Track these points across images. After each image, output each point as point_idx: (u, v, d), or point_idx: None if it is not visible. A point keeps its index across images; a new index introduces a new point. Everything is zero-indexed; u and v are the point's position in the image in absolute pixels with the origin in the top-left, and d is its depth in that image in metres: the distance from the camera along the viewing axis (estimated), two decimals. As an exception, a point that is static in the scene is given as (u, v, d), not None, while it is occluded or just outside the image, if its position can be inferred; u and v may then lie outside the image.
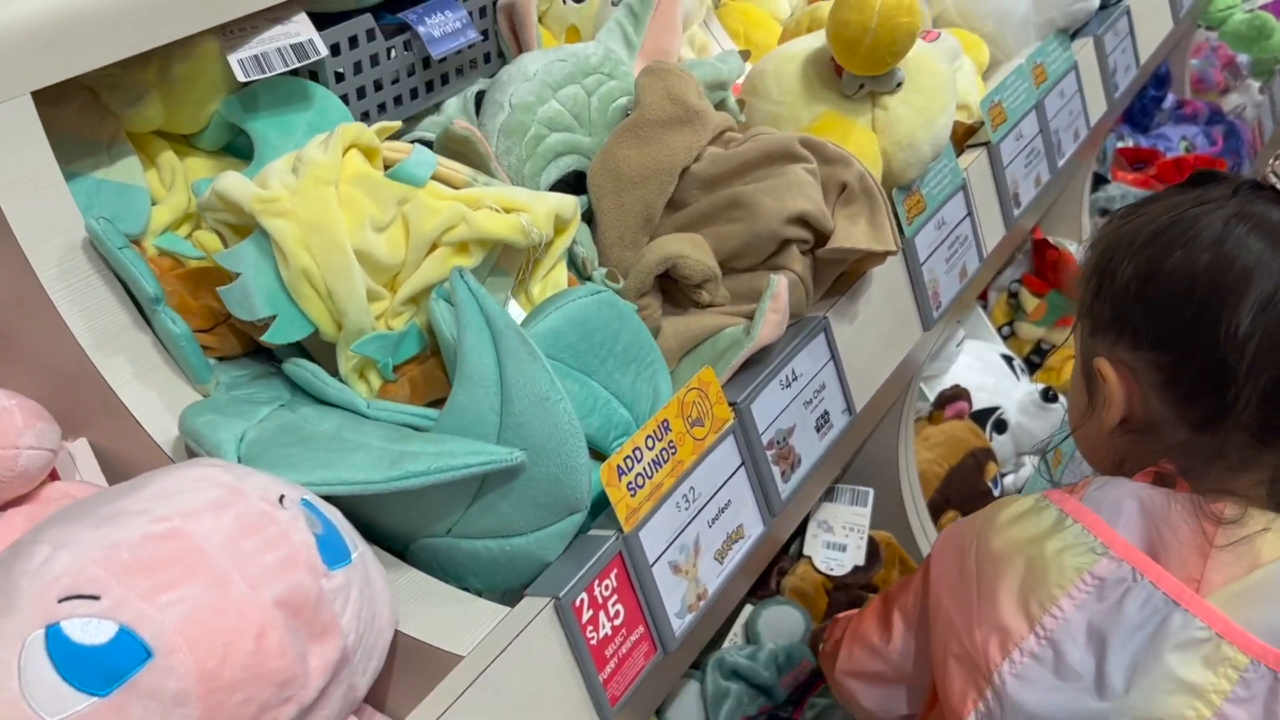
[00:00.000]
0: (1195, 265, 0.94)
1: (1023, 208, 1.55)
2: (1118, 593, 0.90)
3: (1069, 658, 0.90)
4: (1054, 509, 0.96)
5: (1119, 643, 0.89)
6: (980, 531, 0.99)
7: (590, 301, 0.97)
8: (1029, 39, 1.70)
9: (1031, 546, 0.95)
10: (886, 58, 1.20)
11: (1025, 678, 0.91)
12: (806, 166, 1.12)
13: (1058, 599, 0.91)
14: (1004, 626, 0.93)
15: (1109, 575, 0.91)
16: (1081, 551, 0.92)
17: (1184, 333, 0.94)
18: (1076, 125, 1.73)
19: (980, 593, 0.96)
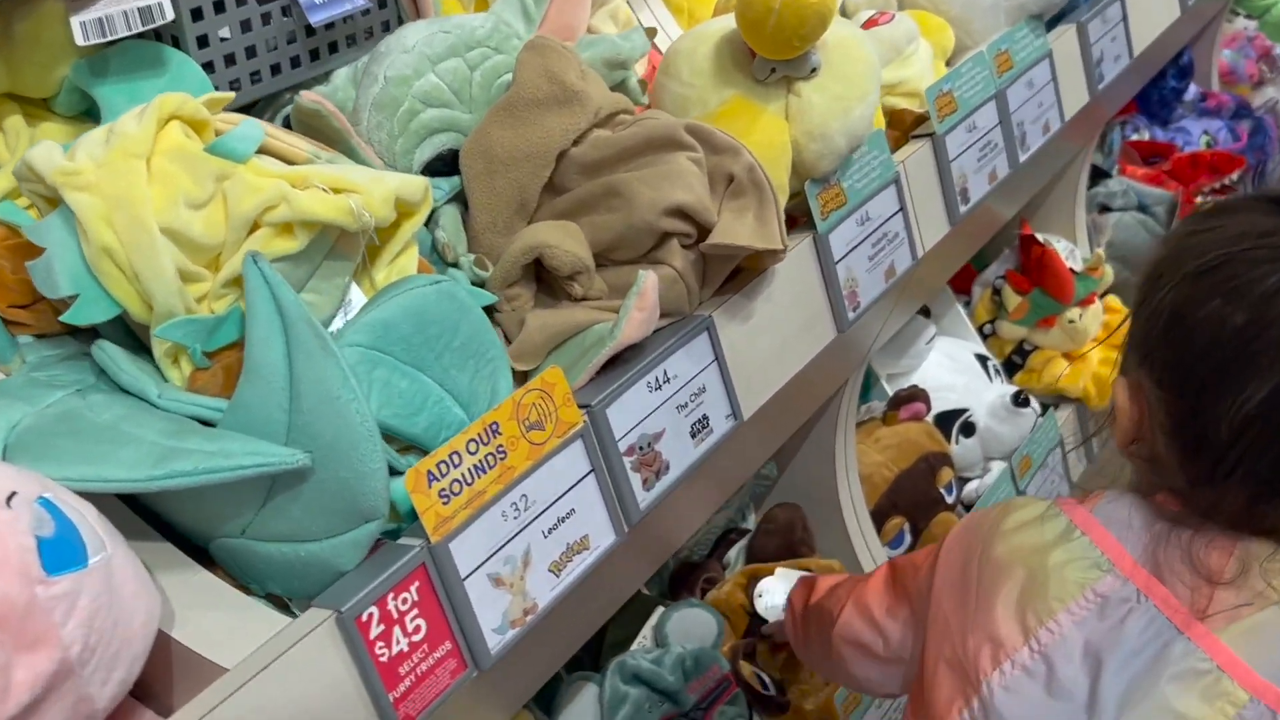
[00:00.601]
0: (1227, 324, 0.86)
1: (971, 204, 1.47)
2: (1120, 613, 0.87)
3: (1062, 675, 0.87)
4: (1063, 518, 0.92)
5: (1116, 665, 0.86)
6: (987, 534, 0.96)
7: (428, 292, 0.91)
8: (999, 24, 1.60)
9: (1035, 556, 0.91)
10: (793, 40, 1.13)
11: (1014, 690, 0.88)
12: (691, 155, 1.05)
13: (1056, 613, 0.88)
14: (998, 636, 0.90)
15: (1113, 593, 0.88)
16: (1087, 566, 0.89)
17: (1197, 390, 0.87)
18: (1047, 117, 1.64)
19: (978, 598, 0.93)
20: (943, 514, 1.76)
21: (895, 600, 1.07)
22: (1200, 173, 2.55)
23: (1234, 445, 0.85)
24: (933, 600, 0.98)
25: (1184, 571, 0.87)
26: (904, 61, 1.48)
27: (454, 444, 0.85)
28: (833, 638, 1.12)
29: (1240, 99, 2.88)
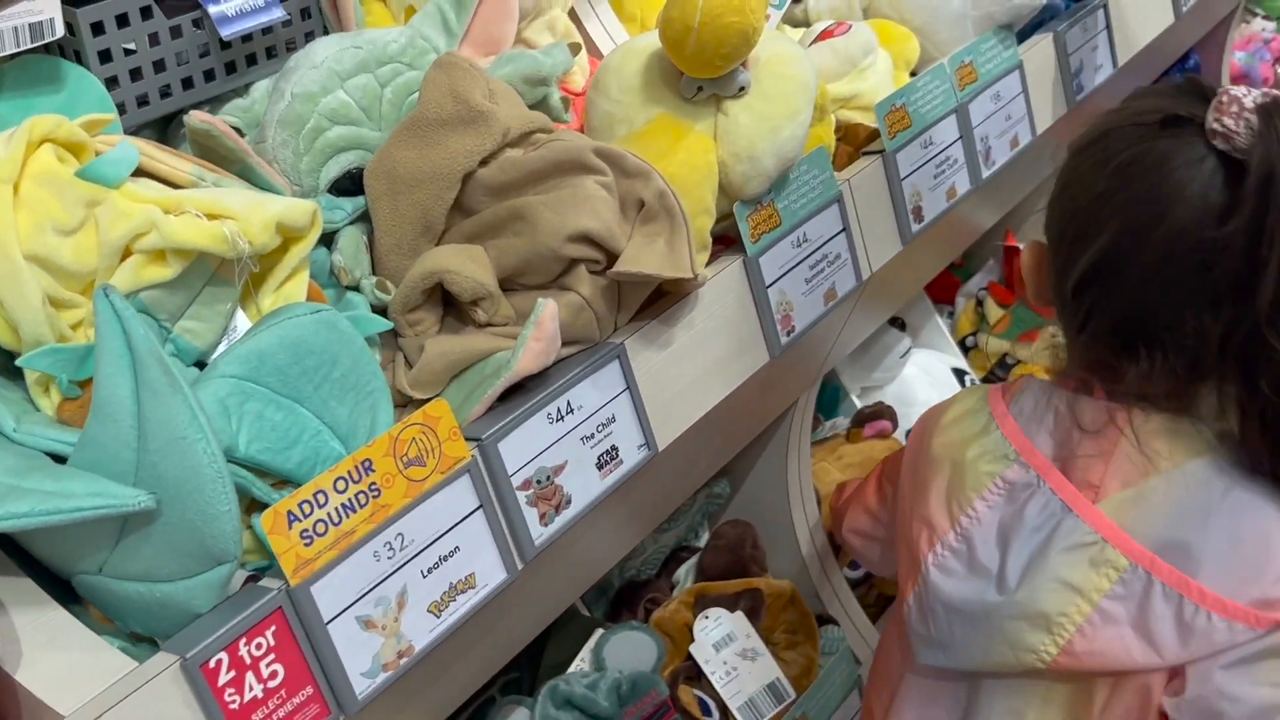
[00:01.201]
0: (1090, 189, 1.00)
1: (926, 222, 1.42)
2: (1024, 496, 0.99)
3: (979, 554, 1.01)
4: (986, 412, 1.06)
5: (1019, 543, 0.98)
6: (930, 428, 1.11)
7: (306, 321, 0.88)
8: (966, 34, 1.55)
9: (958, 449, 1.05)
10: (715, 60, 1.09)
11: (945, 569, 1.03)
12: (600, 180, 1.02)
13: (973, 500, 1.02)
14: (932, 522, 1.04)
15: (1018, 480, 1.00)
16: (997, 458, 1.02)
17: (1067, 246, 1.01)
18: (1015, 131, 1.59)
19: (919, 487, 1.08)
20: (906, 534, 1.72)
21: (883, 488, 1.23)
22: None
23: (1081, 296, 0.99)
24: (899, 484, 1.14)
25: (1088, 442, 0.99)
26: (860, 74, 1.43)
27: (319, 482, 0.83)
28: (844, 533, 1.30)
29: (1251, 104, 2.80)
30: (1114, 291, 0.98)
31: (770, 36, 1.19)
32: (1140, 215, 0.96)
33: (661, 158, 1.12)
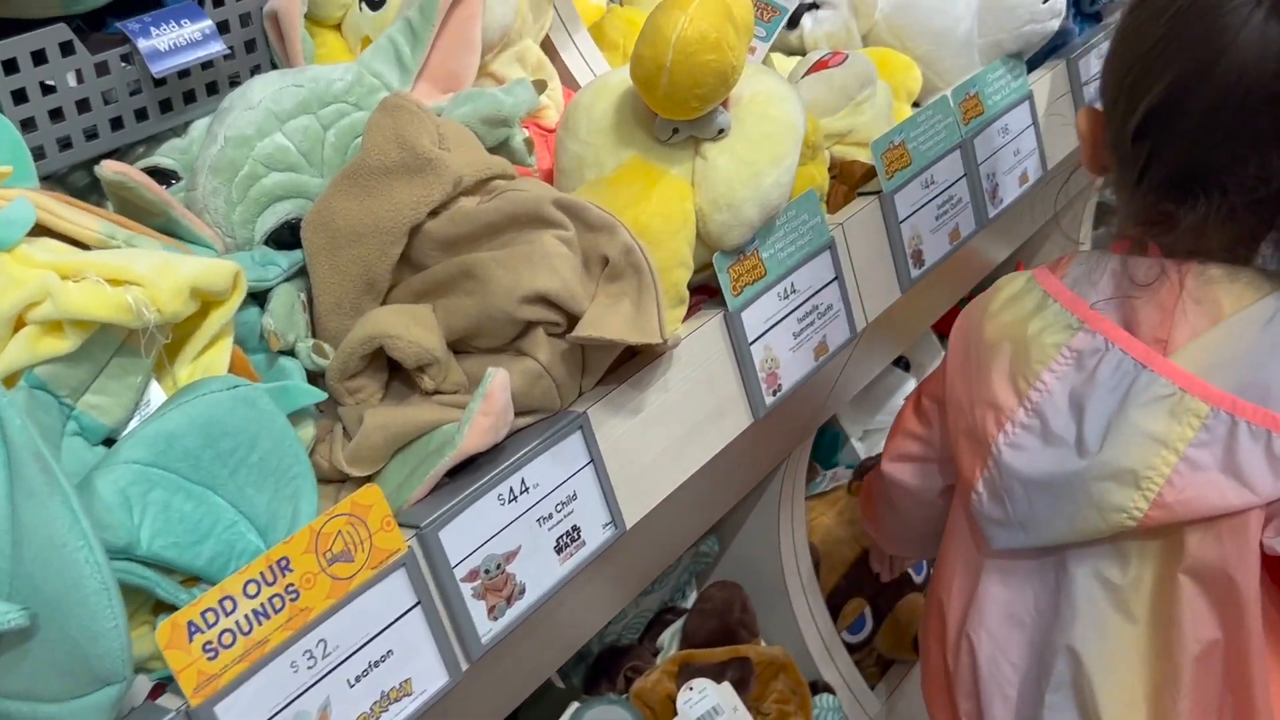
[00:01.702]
0: (1146, 38, 0.97)
1: (926, 267, 1.32)
2: (1093, 362, 0.99)
3: (1053, 425, 1.00)
4: (1038, 290, 1.05)
5: (1094, 406, 0.98)
6: (979, 318, 1.09)
7: (222, 398, 0.79)
8: (972, 63, 1.46)
9: (1017, 328, 1.04)
10: (690, 101, 0.99)
11: (1018, 445, 1.02)
12: (560, 234, 0.92)
13: (1040, 373, 1.01)
14: (997, 403, 1.03)
15: (1084, 347, 0.99)
16: (1060, 328, 1.01)
17: (1124, 98, 0.98)
18: (1025, 166, 1.49)
19: (978, 374, 1.06)
20: (910, 595, 1.62)
21: (924, 406, 1.22)
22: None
23: (1140, 143, 0.97)
24: (947, 387, 1.13)
25: (1149, 299, 0.98)
26: (857, 108, 1.34)
27: (226, 587, 0.73)
28: (883, 468, 1.28)
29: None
30: (1174, 134, 0.96)
31: (754, 72, 1.10)
32: (1200, 54, 0.94)
33: (633, 205, 1.02)
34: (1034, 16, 1.41)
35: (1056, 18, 1.43)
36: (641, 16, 1.38)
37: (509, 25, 1.14)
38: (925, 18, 1.43)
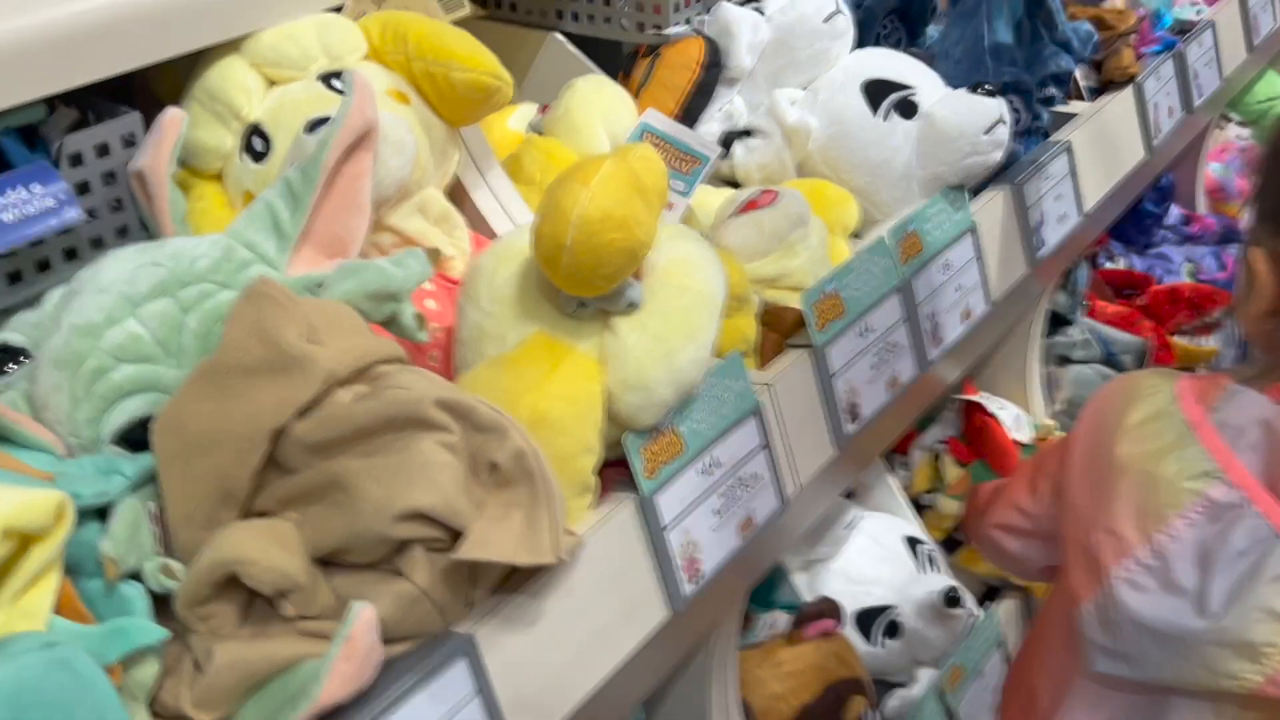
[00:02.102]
0: None
1: (863, 420, 1.23)
2: (1229, 518, 0.94)
3: (1176, 573, 0.95)
4: (1180, 418, 1.00)
5: (1223, 566, 0.94)
6: (1113, 427, 1.04)
7: (33, 663, 0.68)
8: (911, 195, 1.38)
9: (1152, 460, 0.99)
10: (595, 281, 0.90)
11: (1135, 584, 0.97)
12: (442, 439, 0.83)
13: (1169, 518, 0.96)
14: (1119, 533, 0.98)
15: (1222, 499, 0.94)
16: (1198, 474, 0.96)
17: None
18: (968, 303, 1.41)
19: (1102, 493, 1.01)
20: (852, 749, 1.52)
21: (1038, 484, 1.17)
22: (1179, 309, 2.31)
23: None
24: (1067, 483, 1.07)
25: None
26: (789, 250, 1.25)
27: None
28: (985, 529, 1.27)
29: (1228, 220, 2.64)
30: None
31: (671, 235, 1.01)
32: None
33: (534, 389, 0.93)
34: (975, 149, 1.34)
35: (999, 149, 1.36)
36: (561, 149, 1.30)
37: (405, 178, 1.05)
38: (861, 149, 1.36)
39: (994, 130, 1.34)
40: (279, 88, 1.06)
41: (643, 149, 0.95)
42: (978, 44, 1.46)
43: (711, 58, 1.37)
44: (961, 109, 1.34)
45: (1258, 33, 2.28)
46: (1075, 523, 1.05)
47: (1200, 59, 2.01)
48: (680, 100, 1.37)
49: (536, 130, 1.36)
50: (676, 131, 1.11)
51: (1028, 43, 1.52)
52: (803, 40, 1.39)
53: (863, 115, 1.36)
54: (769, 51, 1.41)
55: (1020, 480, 1.22)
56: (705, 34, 1.39)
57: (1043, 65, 1.52)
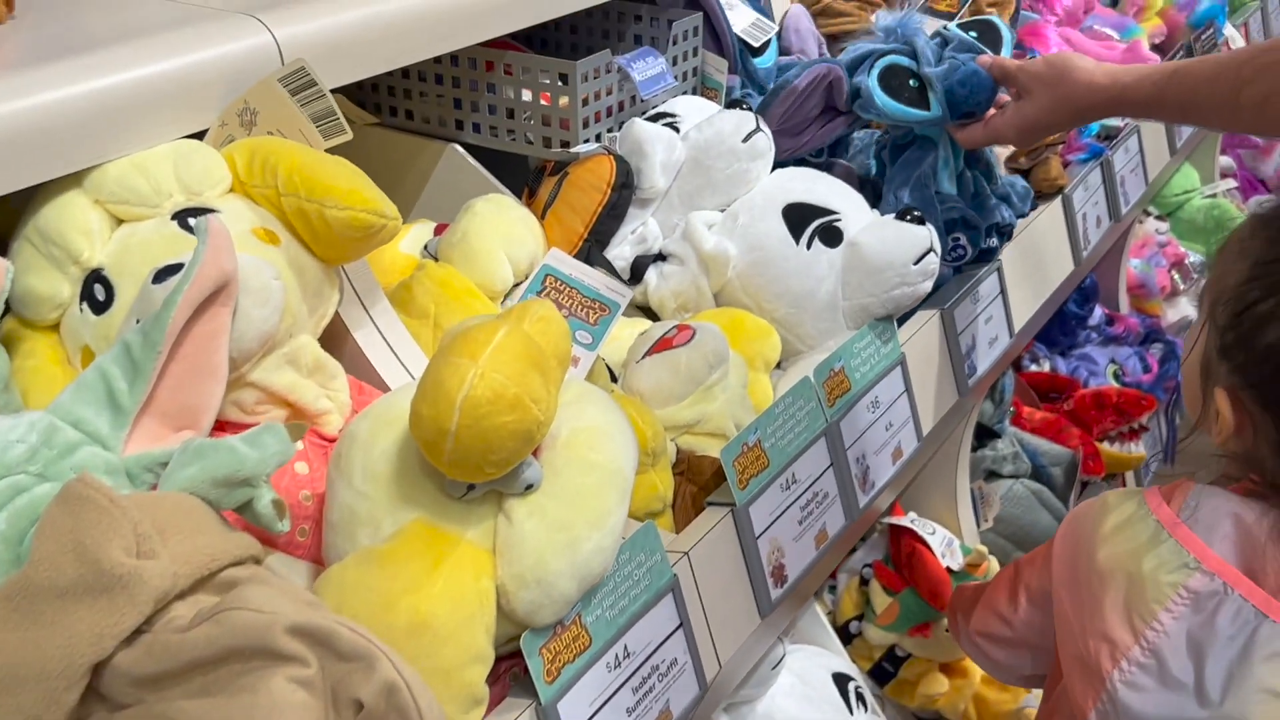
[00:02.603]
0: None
1: (789, 584, 1.12)
2: (1211, 605, 0.96)
3: (1172, 667, 0.97)
4: (1151, 520, 1.02)
5: (1215, 653, 0.96)
6: (1089, 537, 1.06)
7: None
8: (837, 326, 1.28)
9: (1131, 561, 1.01)
10: (485, 467, 0.78)
11: (1135, 685, 0.99)
12: (297, 674, 0.69)
13: (1157, 613, 0.98)
14: (1112, 638, 1.00)
15: (1202, 589, 0.97)
16: (1176, 567, 0.99)
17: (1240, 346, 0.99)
18: (899, 440, 1.31)
19: (1090, 601, 1.04)
20: None
21: (1018, 593, 1.19)
22: (1106, 415, 2.26)
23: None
24: (1054, 597, 1.10)
25: (1273, 553, 0.98)
26: (706, 393, 1.15)
27: None
28: (969, 635, 1.28)
29: (1151, 321, 2.61)
30: None
31: (574, 398, 0.89)
32: None
33: (415, 589, 0.80)
34: (904, 279, 1.25)
35: (929, 279, 1.27)
36: (457, 279, 1.18)
37: (271, 329, 0.92)
38: (783, 279, 1.26)
39: (923, 260, 1.25)
40: (126, 227, 0.93)
41: (540, 309, 0.83)
42: (924, 192, 1.39)
43: (623, 178, 1.26)
44: (889, 238, 1.25)
45: (1180, 135, 2.25)
46: (1067, 637, 1.06)
47: (1127, 165, 1.97)
48: (589, 223, 1.26)
49: (432, 254, 1.24)
50: (583, 275, 1.00)
51: (969, 195, 1.45)
52: (720, 160, 1.30)
53: (784, 243, 1.27)
54: (685, 171, 1.31)
55: (1000, 588, 1.23)
56: (616, 152, 1.28)
57: (986, 217, 1.45)
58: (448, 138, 1.39)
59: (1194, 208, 3.20)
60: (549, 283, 0.98)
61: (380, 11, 1.18)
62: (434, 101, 1.39)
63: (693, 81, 1.51)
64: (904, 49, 1.42)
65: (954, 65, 1.38)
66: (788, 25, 1.69)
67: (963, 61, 1.38)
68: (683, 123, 1.36)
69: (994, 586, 1.25)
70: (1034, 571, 1.18)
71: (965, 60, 1.38)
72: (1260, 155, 3.70)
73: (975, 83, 1.36)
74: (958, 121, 1.39)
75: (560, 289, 0.97)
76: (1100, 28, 2.34)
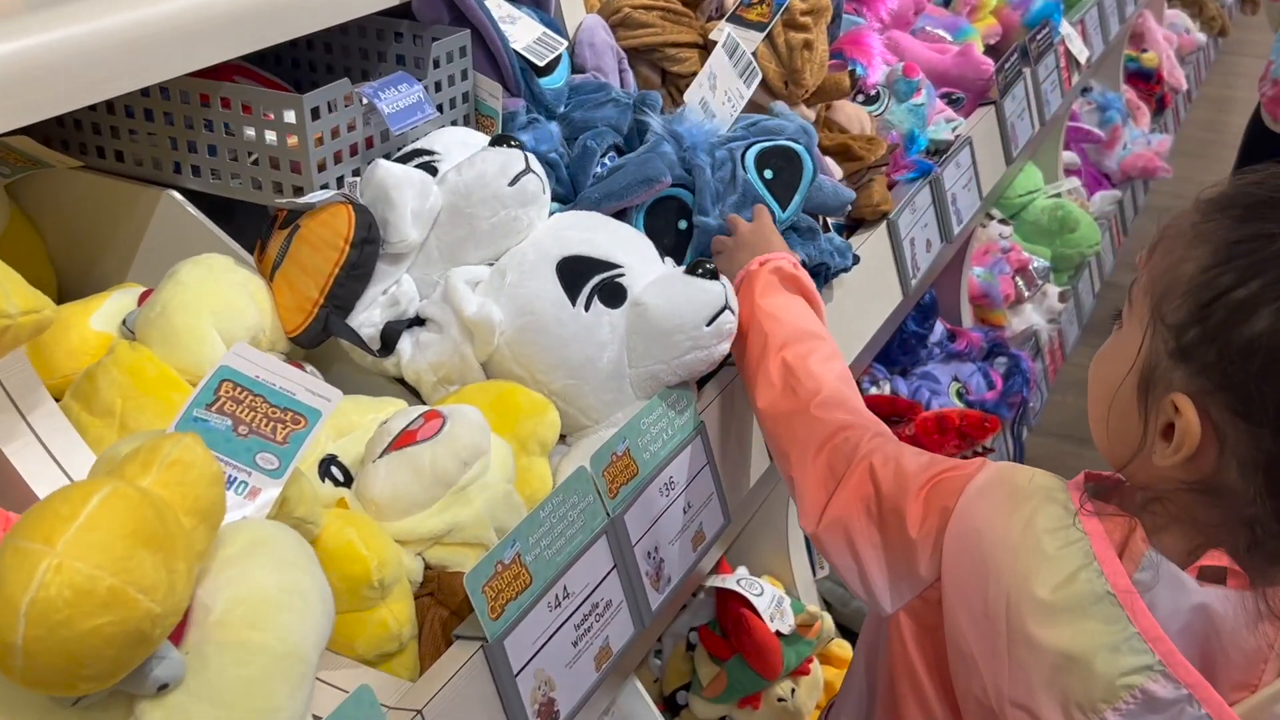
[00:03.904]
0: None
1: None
2: (1169, 712, 0.85)
3: None
4: (1103, 588, 0.87)
5: None
6: (1016, 589, 0.89)
7: None
8: (624, 397, 1.11)
9: (1078, 647, 0.87)
10: (76, 682, 0.58)
11: None
12: None
13: (1103, 712, 0.86)
14: (1039, 716, 0.88)
15: (1165, 695, 0.85)
16: (1137, 669, 0.86)
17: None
18: (700, 522, 1.15)
19: (1012, 663, 0.90)
20: None
21: (926, 521, 0.97)
22: (948, 439, 2.14)
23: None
24: (946, 612, 0.95)
25: (1241, 641, 0.88)
26: (459, 495, 0.96)
27: None
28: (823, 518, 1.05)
29: (994, 334, 2.52)
30: None
31: (241, 552, 0.70)
32: None
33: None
34: (697, 343, 1.08)
35: (725, 340, 1.11)
36: (151, 365, 0.98)
37: None
38: (559, 346, 1.08)
39: (718, 320, 1.08)
40: None
41: (175, 450, 0.64)
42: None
43: (364, 232, 1.06)
44: (677, 296, 1.08)
45: (1016, 143, 2.14)
46: (967, 671, 0.93)
47: (959, 181, 1.84)
48: (324, 286, 1.06)
49: (131, 330, 1.03)
50: (274, 375, 0.80)
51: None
52: (483, 207, 1.11)
53: (558, 304, 1.09)
54: (444, 219, 1.12)
55: (912, 494, 0.99)
56: (356, 200, 1.09)
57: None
58: (164, 182, 1.17)
59: (1038, 208, 3.14)
60: (225, 391, 0.78)
61: (68, 37, 0.97)
62: (145, 140, 1.17)
63: (464, 109, 1.31)
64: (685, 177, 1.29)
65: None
66: (581, 39, 1.50)
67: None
68: (443, 161, 1.17)
69: (902, 467, 1.02)
70: (926, 548, 0.97)
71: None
72: (1104, 150, 3.68)
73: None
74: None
75: (240, 399, 0.78)
76: (932, 29, 2.22)
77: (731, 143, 1.33)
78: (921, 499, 0.99)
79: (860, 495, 1.02)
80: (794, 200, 1.31)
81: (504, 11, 1.42)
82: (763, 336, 1.13)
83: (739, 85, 1.47)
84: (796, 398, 1.09)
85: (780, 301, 1.17)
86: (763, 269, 1.18)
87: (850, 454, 1.05)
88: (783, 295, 1.18)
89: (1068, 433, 3.02)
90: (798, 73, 1.57)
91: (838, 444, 1.06)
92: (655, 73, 1.61)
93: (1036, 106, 2.26)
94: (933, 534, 0.97)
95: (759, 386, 1.12)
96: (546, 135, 1.37)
